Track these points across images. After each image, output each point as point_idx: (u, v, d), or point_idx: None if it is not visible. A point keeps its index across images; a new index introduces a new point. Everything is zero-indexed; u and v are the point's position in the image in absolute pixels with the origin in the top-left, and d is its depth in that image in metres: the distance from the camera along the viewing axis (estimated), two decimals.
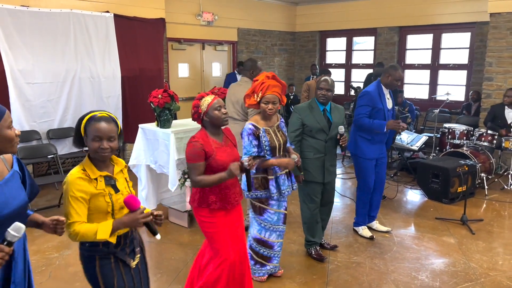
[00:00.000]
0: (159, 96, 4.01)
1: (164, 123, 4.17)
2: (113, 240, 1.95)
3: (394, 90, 4.65)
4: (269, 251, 3.31)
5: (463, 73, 8.32)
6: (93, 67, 6.20)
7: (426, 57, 8.71)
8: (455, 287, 3.35)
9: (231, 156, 2.71)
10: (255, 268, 3.32)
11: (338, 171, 6.70)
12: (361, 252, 3.97)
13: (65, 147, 6.03)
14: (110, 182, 2.00)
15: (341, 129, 3.50)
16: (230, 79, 8.13)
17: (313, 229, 3.80)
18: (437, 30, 8.40)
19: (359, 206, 4.28)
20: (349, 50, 9.88)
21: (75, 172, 1.96)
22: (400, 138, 6.14)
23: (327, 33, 10.13)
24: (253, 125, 3.08)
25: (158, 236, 2.01)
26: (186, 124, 4.53)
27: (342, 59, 10.03)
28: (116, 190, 2.01)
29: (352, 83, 9.54)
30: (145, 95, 6.63)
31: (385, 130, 3.95)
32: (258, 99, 3.10)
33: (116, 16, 6.41)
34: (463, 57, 8.29)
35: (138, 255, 2.16)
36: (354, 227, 4.40)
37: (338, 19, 9.56)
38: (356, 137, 4.13)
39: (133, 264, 2.11)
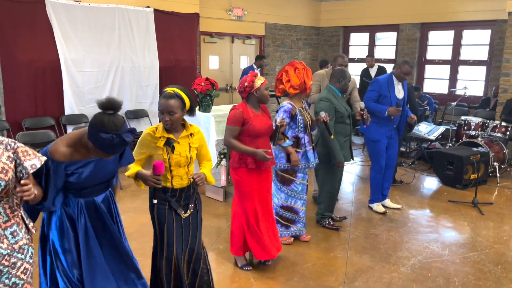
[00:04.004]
0: (202, 83, 4.54)
1: (205, 108, 4.70)
2: (175, 179, 2.52)
3: (410, 87, 5.14)
4: (294, 216, 3.82)
5: (483, 69, 8.62)
6: (135, 58, 6.78)
7: (447, 53, 9.03)
8: (462, 255, 3.80)
9: (266, 124, 3.25)
10: (281, 230, 3.82)
11: (358, 159, 7.16)
12: (378, 226, 4.43)
13: None
14: (170, 143, 2.49)
15: (363, 104, 4.04)
16: (247, 73, 8.48)
17: (333, 205, 4.35)
18: (458, 27, 8.70)
19: (373, 185, 4.79)
20: (371, 45, 10.24)
21: (148, 129, 2.53)
22: (418, 129, 6.56)
23: (350, 28, 10.51)
24: (291, 104, 3.58)
25: (154, 201, 2.55)
26: (222, 110, 5.06)
27: (364, 54, 10.39)
28: (173, 151, 2.50)
29: (373, 78, 9.90)
30: (180, 84, 7.18)
31: (385, 114, 4.43)
32: (311, 82, 3.60)
33: (155, 11, 6.96)
34: (483, 54, 8.58)
35: (191, 210, 2.67)
36: (369, 204, 4.89)
37: (362, 15, 9.92)
38: None
39: (184, 215, 2.62)
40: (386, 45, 10.12)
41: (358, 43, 10.65)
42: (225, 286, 3.22)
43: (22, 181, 1.73)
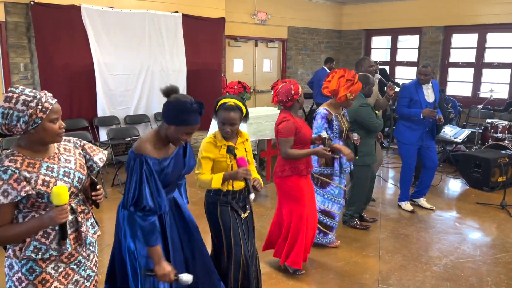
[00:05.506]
0: (235, 87, 4.69)
1: None
2: (224, 188, 2.60)
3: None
4: (331, 221, 3.88)
5: (507, 72, 8.58)
6: (163, 62, 6.96)
7: (470, 56, 9.01)
8: (493, 256, 3.85)
9: (309, 130, 3.37)
10: (319, 236, 3.89)
11: (384, 161, 7.21)
12: (408, 226, 4.50)
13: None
14: (231, 150, 2.61)
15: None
16: (320, 75, 8.37)
17: (360, 206, 4.43)
18: (482, 29, 8.69)
19: (402, 184, 4.93)
20: (393, 48, 10.27)
21: (208, 138, 2.64)
22: (444, 131, 6.59)
23: (372, 31, 10.56)
24: (327, 110, 3.68)
25: (252, 196, 2.53)
26: (252, 112, 5.19)
27: (386, 57, 10.44)
28: (235, 157, 2.60)
29: (396, 80, 9.93)
30: (206, 87, 7.39)
31: (421, 116, 4.55)
32: (351, 97, 3.62)
33: (183, 16, 7.14)
34: (507, 56, 8.55)
35: (248, 211, 2.80)
36: (398, 202, 5.02)
37: (384, 18, 9.97)
38: (399, 124, 4.85)
39: (243, 216, 2.75)
40: (409, 48, 10.15)
41: (380, 46, 10.69)
42: (263, 283, 3.33)
43: (98, 186, 1.90)
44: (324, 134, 3.26)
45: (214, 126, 5.30)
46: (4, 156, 1.73)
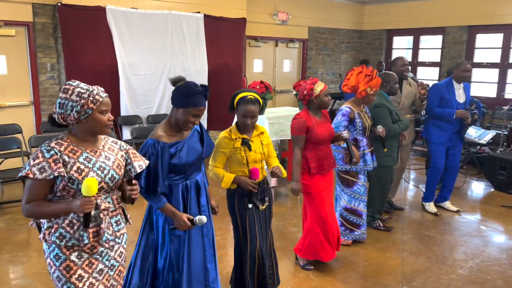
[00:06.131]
0: (257, 86, 4.70)
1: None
2: (232, 187, 2.72)
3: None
4: (358, 219, 3.88)
5: None
6: (185, 62, 7.03)
7: (495, 56, 8.84)
8: None
9: (327, 131, 3.35)
10: (345, 232, 3.90)
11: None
12: (431, 228, 4.45)
13: None
14: (246, 142, 2.69)
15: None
16: None
17: (382, 207, 4.40)
18: (507, 29, 8.51)
19: (428, 184, 4.86)
20: (415, 49, 10.15)
21: (223, 133, 2.72)
22: (468, 133, 6.47)
23: (393, 31, 10.45)
24: (349, 107, 3.67)
25: (249, 205, 2.73)
26: (275, 112, 5.20)
27: (408, 57, 10.31)
28: (249, 149, 2.70)
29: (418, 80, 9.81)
30: (227, 87, 7.42)
31: (454, 117, 4.48)
32: (371, 92, 3.63)
33: (205, 16, 7.20)
34: None
35: (266, 203, 2.84)
36: (422, 202, 4.96)
37: (406, 18, 9.86)
38: (428, 124, 4.76)
39: (261, 208, 2.79)
40: (431, 48, 10.01)
41: (401, 46, 10.57)
42: (286, 281, 3.35)
43: (133, 181, 2.00)
44: (345, 134, 3.29)
45: None
46: (54, 138, 1.91)
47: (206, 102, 2.37)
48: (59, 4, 5.68)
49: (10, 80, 5.88)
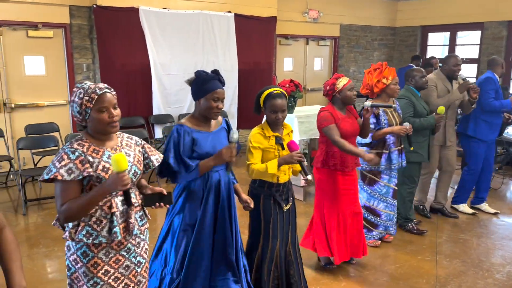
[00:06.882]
0: (287, 85, 4.67)
1: (289, 109, 4.81)
2: (280, 174, 2.66)
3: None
4: (376, 219, 3.81)
5: None
6: (216, 61, 7.07)
7: None
8: None
9: (353, 127, 3.29)
10: (364, 232, 3.81)
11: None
12: (467, 231, 4.30)
13: None
14: (279, 141, 2.67)
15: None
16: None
17: (411, 207, 4.27)
18: None
19: (464, 185, 4.66)
20: (452, 45, 9.83)
21: (256, 129, 2.70)
22: (507, 132, 6.22)
23: (428, 27, 10.16)
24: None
25: (310, 177, 2.60)
26: (304, 110, 5.17)
27: (444, 54, 10.00)
28: (282, 148, 2.68)
29: None
30: (257, 86, 7.39)
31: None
32: (389, 82, 3.59)
33: (236, 15, 7.22)
34: None
35: (290, 203, 2.82)
36: (453, 205, 4.76)
37: (441, 13, 9.55)
38: (478, 120, 4.49)
39: (285, 208, 2.77)
40: (469, 44, 9.67)
41: (436, 43, 10.27)
42: (314, 283, 3.31)
43: (165, 192, 2.05)
44: (407, 125, 3.50)
45: None
46: (74, 140, 1.90)
47: (223, 87, 2.45)
48: (94, 6, 5.84)
49: (48, 80, 6.10)
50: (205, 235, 2.47)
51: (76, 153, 1.83)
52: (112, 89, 1.94)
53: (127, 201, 1.88)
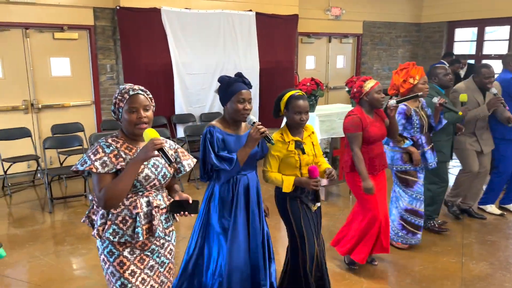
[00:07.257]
0: (308, 84, 4.63)
1: (310, 108, 4.77)
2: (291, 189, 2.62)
3: None
4: (419, 220, 3.70)
5: None
6: (237, 60, 7.08)
7: None
8: None
9: (381, 131, 3.21)
10: (407, 236, 3.72)
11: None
12: (494, 232, 4.16)
13: None
14: (299, 145, 2.62)
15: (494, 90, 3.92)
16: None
17: (439, 207, 4.14)
18: None
19: (494, 187, 4.52)
20: (480, 41, 9.55)
21: (275, 135, 2.63)
22: None
23: (455, 23, 9.90)
24: (405, 105, 3.51)
25: (318, 204, 2.73)
26: (325, 109, 5.11)
27: (471, 50, 9.74)
28: (303, 152, 2.63)
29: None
30: (278, 85, 7.37)
31: None
32: (416, 81, 3.50)
33: (257, 14, 7.20)
34: None
35: (319, 204, 2.77)
36: (480, 206, 4.63)
37: (469, 8, 9.29)
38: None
39: (313, 208, 2.73)
40: (498, 39, 9.37)
41: (463, 39, 10.00)
42: (336, 283, 3.27)
43: (190, 200, 2.06)
44: (435, 99, 3.49)
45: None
46: (109, 136, 1.97)
47: (249, 89, 2.50)
48: (117, 7, 5.93)
49: (73, 81, 6.23)
50: (239, 240, 2.52)
51: (111, 148, 1.89)
52: (148, 92, 1.96)
53: (166, 157, 1.82)
